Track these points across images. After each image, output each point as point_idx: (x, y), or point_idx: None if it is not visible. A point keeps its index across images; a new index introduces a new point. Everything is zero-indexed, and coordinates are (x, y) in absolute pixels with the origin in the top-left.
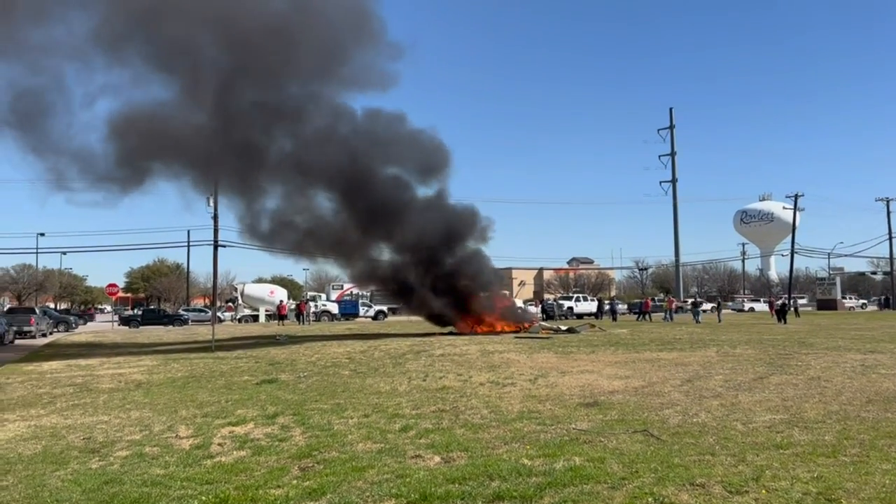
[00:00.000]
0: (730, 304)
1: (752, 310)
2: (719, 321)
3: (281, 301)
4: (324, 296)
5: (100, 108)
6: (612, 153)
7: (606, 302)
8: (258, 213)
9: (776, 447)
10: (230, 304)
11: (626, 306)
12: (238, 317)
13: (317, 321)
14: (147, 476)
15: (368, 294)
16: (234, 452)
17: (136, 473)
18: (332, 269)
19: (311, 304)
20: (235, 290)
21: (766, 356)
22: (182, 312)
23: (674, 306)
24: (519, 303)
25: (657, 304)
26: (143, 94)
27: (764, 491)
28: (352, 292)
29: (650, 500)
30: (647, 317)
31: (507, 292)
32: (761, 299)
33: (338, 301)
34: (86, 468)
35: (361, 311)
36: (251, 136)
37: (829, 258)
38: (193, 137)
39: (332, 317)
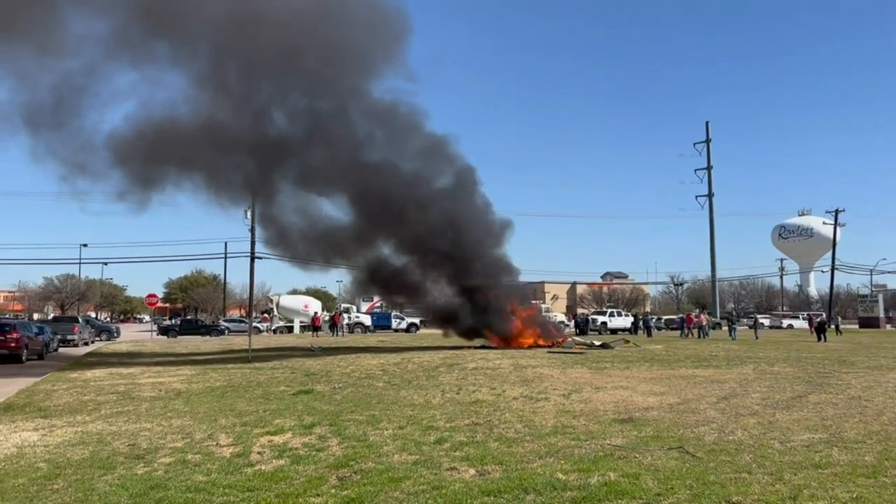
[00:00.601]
0: (766, 321)
1: (790, 327)
2: (756, 338)
3: (315, 312)
4: (354, 307)
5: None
6: (646, 166)
7: (640, 317)
8: (287, 227)
9: (814, 466)
10: (265, 315)
11: (659, 320)
12: (273, 328)
13: (350, 333)
14: (191, 482)
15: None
16: (274, 461)
17: (180, 480)
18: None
19: (345, 315)
20: (271, 301)
21: (805, 374)
22: (223, 323)
23: (704, 322)
24: (560, 316)
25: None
26: (177, 104)
27: None
28: (381, 304)
29: None
30: (695, 332)
31: (541, 303)
32: (800, 316)
33: (369, 313)
34: (132, 473)
35: (394, 322)
36: (287, 145)
37: (871, 275)
38: (227, 146)
39: (364, 328)
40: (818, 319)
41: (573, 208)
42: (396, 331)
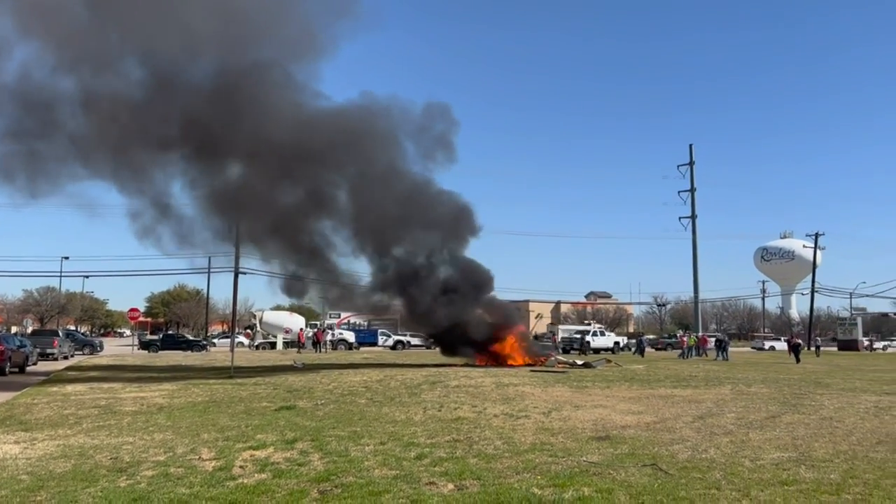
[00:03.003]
0: (751, 342)
1: (772, 348)
2: (725, 359)
3: (300, 329)
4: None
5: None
6: (630, 188)
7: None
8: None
9: (781, 484)
10: (248, 330)
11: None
12: (256, 343)
13: (333, 349)
14: (174, 495)
15: (366, 323)
16: (256, 475)
17: (163, 492)
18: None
19: (329, 332)
20: (254, 317)
21: (781, 395)
22: (210, 339)
23: (685, 344)
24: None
25: (672, 341)
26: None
27: None
28: (349, 321)
29: None
30: (708, 353)
31: (529, 327)
32: (782, 338)
33: (355, 329)
34: (115, 486)
35: (380, 339)
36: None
37: (851, 298)
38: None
39: (348, 345)
40: (794, 341)
41: (558, 228)
42: (384, 347)
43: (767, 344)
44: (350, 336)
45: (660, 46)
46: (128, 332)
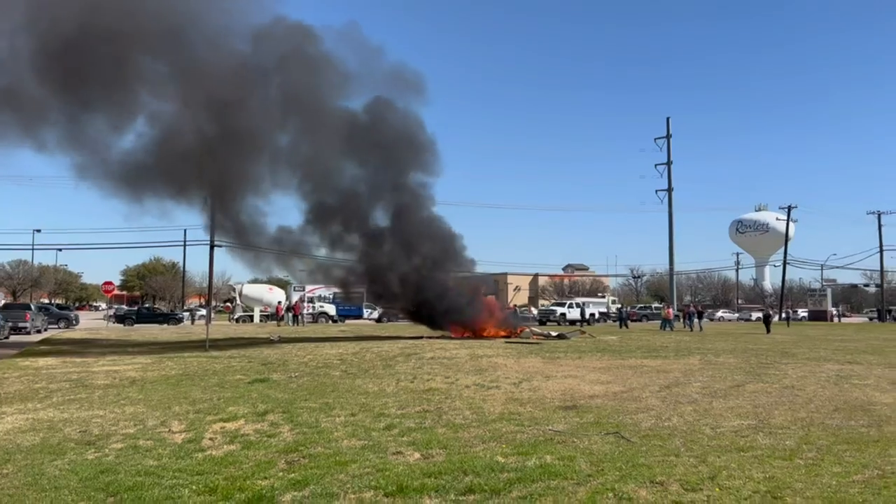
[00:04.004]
0: (736, 313)
1: (759, 319)
2: (696, 329)
3: (279, 302)
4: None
5: None
6: (608, 161)
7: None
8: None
9: (738, 450)
10: (228, 304)
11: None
12: (236, 317)
13: (314, 322)
14: (141, 467)
15: (332, 295)
16: (225, 447)
17: (131, 464)
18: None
19: (310, 305)
20: (234, 290)
21: (747, 365)
22: (192, 312)
23: (671, 315)
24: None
25: (654, 311)
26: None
27: (717, 489)
28: (319, 294)
29: (610, 495)
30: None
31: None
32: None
33: (337, 302)
34: (82, 458)
35: (366, 312)
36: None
37: (822, 270)
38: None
39: (329, 318)
40: (763, 312)
41: (536, 200)
42: (369, 320)
43: (755, 315)
44: (331, 309)
45: (637, 26)
46: (103, 306)
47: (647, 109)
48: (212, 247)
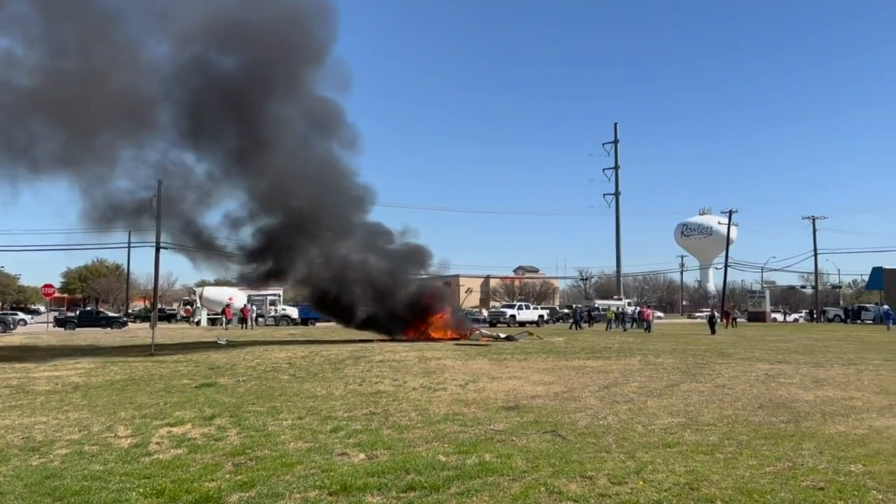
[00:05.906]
0: (699, 314)
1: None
2: (624, 330)
3: (226, 305)
4: (280, 298)
5: None
6: (558, 165)
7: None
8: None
9: (665, 446)
10: (188, 307)
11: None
12: (196, 320)
13: (275, 325)
14: (87, 472)
15: (275, 297)
16: (172, 451)
17: (77, 469)
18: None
19: (272, 308)
20: (193, 293)
21: (684, 365)
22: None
23: (651, 317)
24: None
25: (601, 313)
26: None
27: (641, 482)
28: (250, 298)
29: (543, 489)
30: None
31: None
32: (705, 311)
33: (300, 306)
34: (27, 465)
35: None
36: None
37: (762, 272)
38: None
39: (291, 321)
40: (707, 314)
41: (487, 204)
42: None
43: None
44: (293, 312)
45: (588, 32)
46: (42, 309)
47: (595, 115)
48: (157, 248)
